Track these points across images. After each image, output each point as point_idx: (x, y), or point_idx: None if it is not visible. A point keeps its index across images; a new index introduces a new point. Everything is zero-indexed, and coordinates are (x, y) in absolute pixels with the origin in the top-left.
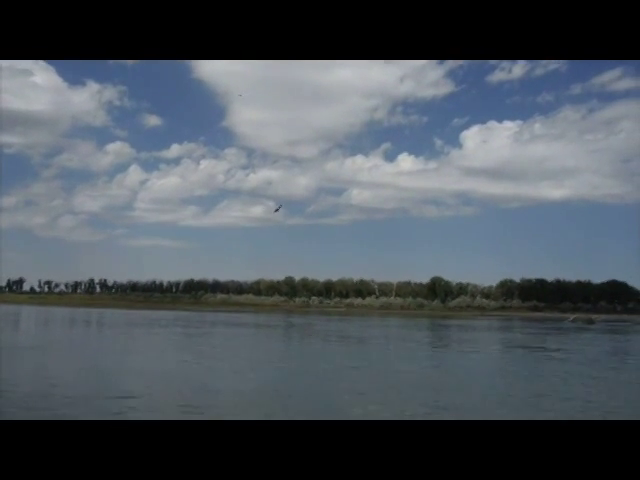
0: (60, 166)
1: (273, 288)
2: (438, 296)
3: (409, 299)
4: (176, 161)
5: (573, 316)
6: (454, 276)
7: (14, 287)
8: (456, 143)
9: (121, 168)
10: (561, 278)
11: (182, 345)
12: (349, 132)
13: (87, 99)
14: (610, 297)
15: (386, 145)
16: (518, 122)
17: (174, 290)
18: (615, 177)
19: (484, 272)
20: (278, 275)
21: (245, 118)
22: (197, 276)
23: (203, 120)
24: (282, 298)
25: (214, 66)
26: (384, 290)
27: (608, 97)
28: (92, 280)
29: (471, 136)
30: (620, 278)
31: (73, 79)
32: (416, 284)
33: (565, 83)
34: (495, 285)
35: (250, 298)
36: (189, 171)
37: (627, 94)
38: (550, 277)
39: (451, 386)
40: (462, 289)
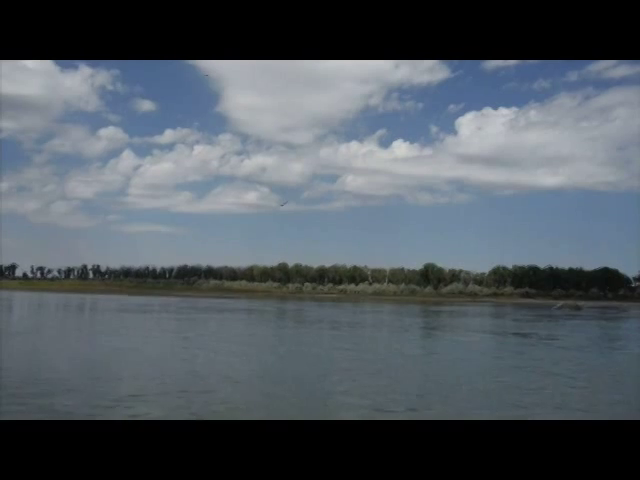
0: (52, 151)
1: (266, 274)
2: (431, 282)
3: (402, 285)
4: (170, 147)
5: (560, 303)
6: (447, 263)
7: (6, 273)
8: (451, 130)
9: (114, 153)
10: (554, 265)
11: (166, 330)
12: (344, 118)
13: (79, 83)
14: (602, 284)
15: (381, 131)
16: (513, 109)
17: (167, 276)
18: (610, 165)
19: (477, 259)
20: (272, 261)
21: (240, 103)
22: (190, 262)
23: (197, 105)
24: (275, 284)
25: None
26: (377, 276)
27: (604, 84)
28: (85, 266)
29: (466, 123)
30: (612, 265)
31: (65, 63)
32: (409, 271)
33: (561, 70)
34: (488, 272)
35: (243, 284)
36: (183, 157)
37: (623, 81)
38: (543, 264)
39: (424, 370)
40: (455, 276)
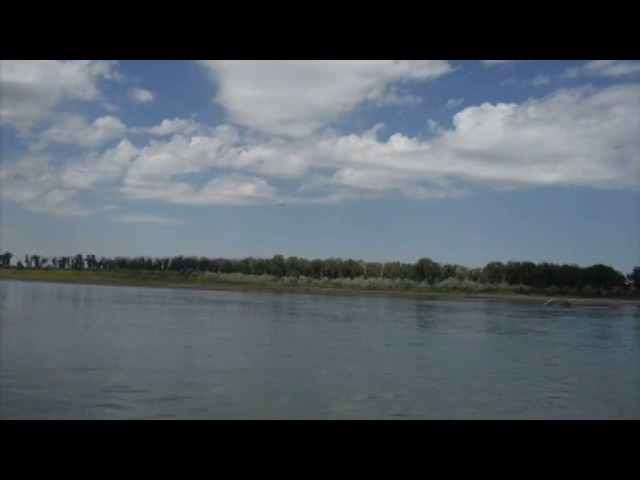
0: (49, 140)
1: (262, 267)
2: (426, 277)
3: (397, 280)
4: (167, 137)
5: (551, 299)
6: (443, 258)
7: (1, 262)
8: (450, 125)
9: (111, 143)
10: (549, 262)
11: (153, 322)
12: (342, 111)
13: (77, 72)
14: (596, 281)
15: (379, 125)
16: (512, 105)
17: (162, 267)
18: (607, 163)
19: (473, 255)
20: (267, 254)
21: (238, 95)
22: (186, 254)
23: (195, 96)
24: (270, 277)
25: None
26: (372, 271)
27: (603, 82)
28: (80, 256)
29: (465, 118)
30: (606, 263)
31: None
32: (404, 265)
33: (560, 67)
34: (483, 268)
35: (238, 276)
36: (180, 148)
37: (622, 79)
38: (538, 261)
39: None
40: (450, 271)
